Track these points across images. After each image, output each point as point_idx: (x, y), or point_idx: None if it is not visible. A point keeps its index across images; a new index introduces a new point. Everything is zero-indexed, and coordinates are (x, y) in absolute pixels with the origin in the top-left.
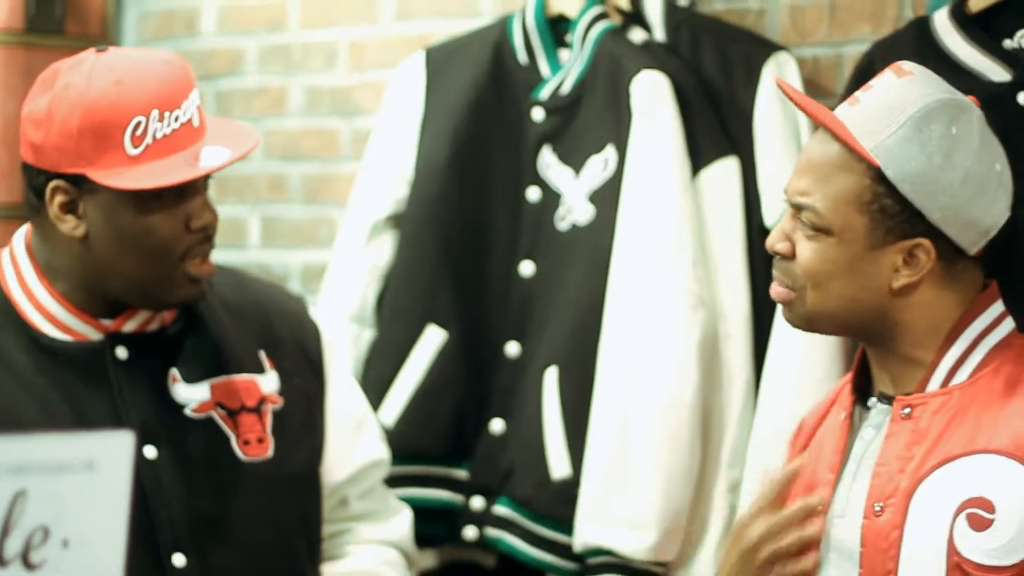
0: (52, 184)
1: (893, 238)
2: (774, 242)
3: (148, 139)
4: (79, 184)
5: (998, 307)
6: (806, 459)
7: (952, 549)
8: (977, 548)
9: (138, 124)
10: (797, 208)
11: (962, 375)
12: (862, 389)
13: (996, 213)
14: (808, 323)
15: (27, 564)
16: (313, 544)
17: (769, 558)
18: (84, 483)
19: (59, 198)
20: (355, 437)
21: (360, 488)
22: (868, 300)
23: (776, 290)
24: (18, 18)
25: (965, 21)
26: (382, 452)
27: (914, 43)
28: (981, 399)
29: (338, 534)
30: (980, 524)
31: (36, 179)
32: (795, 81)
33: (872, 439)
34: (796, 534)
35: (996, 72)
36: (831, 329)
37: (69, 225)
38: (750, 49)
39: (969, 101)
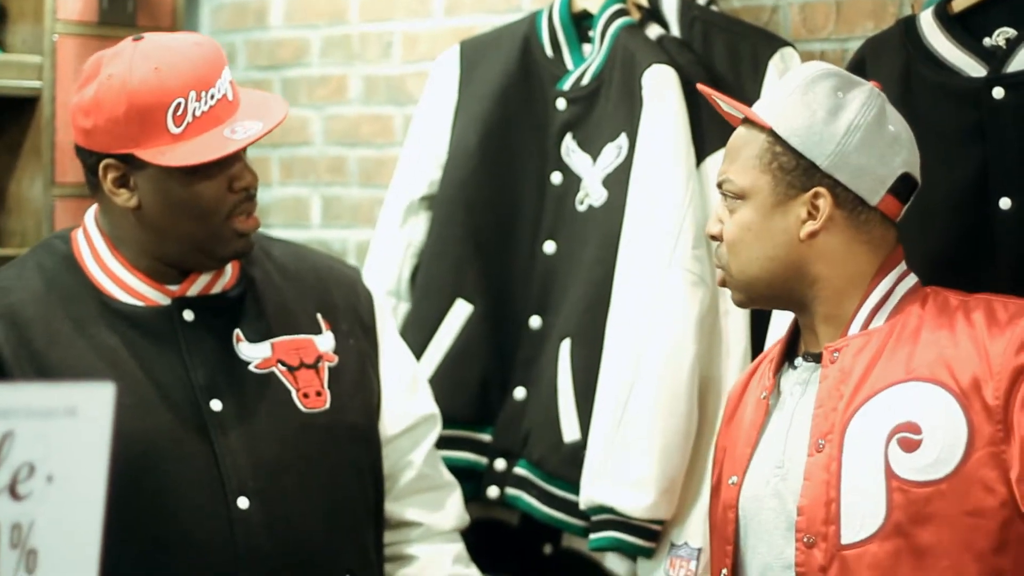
0: (104, 163)
1: (795, 191)
2: (709, 227)
3: (188, 118)
4: (128, 160)
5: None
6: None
7: (890, 472)
8: (911, 467)
9: (178, 105)
10: (720, 187)
11: (879, 320)
12: (790, 356)
13: (893, 166)
14: (745, 296)
15: (14, 495)
16: (368, 492)
17: None
18: (67, 427)
19: (111, 174)
20: (409, 394)
21: (421, 450)
22: (783, 256)
23: (718, 277)
24: (92, 11)
25: (948, 20)
26: (434, 408)
27: (900, 40)
28: (896, 338)
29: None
30: (910, 445)
31: (89, 159)
32: None
33: (802, 393)
34: None
35: (974, 68)
36: (764, 298)
37: (123, 198)
38: (757, 44)
39: (867, 82)
